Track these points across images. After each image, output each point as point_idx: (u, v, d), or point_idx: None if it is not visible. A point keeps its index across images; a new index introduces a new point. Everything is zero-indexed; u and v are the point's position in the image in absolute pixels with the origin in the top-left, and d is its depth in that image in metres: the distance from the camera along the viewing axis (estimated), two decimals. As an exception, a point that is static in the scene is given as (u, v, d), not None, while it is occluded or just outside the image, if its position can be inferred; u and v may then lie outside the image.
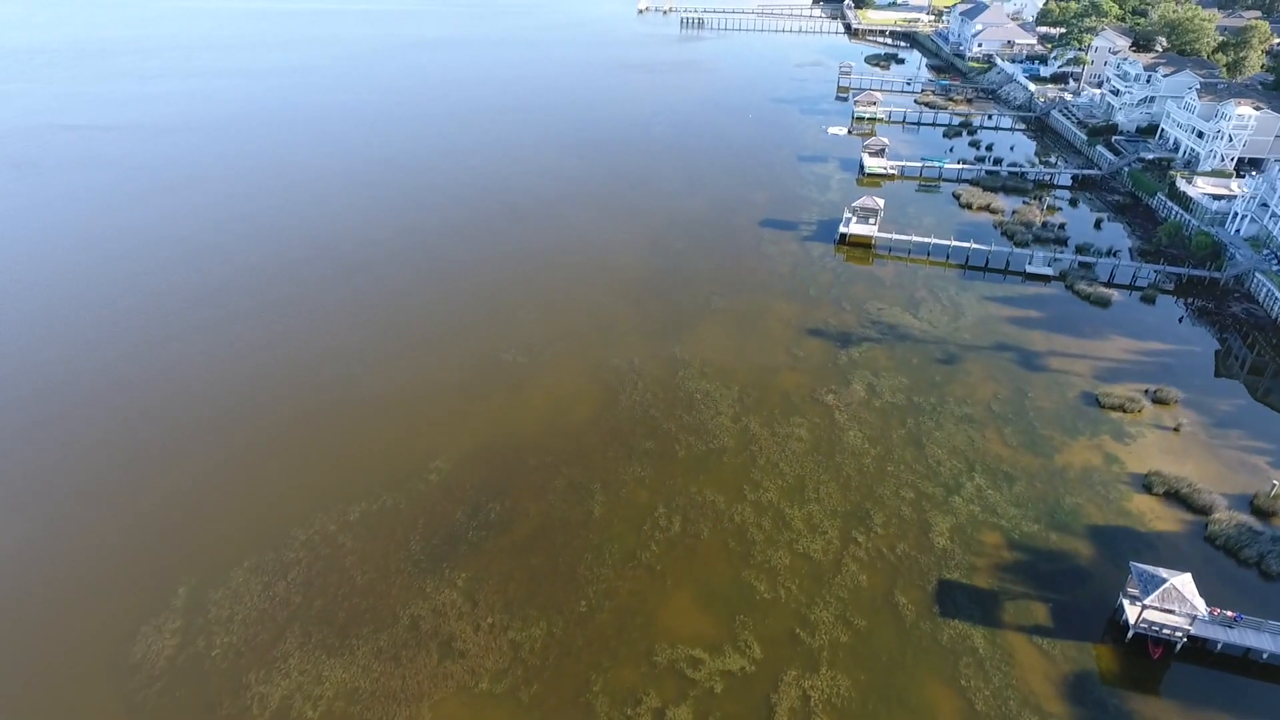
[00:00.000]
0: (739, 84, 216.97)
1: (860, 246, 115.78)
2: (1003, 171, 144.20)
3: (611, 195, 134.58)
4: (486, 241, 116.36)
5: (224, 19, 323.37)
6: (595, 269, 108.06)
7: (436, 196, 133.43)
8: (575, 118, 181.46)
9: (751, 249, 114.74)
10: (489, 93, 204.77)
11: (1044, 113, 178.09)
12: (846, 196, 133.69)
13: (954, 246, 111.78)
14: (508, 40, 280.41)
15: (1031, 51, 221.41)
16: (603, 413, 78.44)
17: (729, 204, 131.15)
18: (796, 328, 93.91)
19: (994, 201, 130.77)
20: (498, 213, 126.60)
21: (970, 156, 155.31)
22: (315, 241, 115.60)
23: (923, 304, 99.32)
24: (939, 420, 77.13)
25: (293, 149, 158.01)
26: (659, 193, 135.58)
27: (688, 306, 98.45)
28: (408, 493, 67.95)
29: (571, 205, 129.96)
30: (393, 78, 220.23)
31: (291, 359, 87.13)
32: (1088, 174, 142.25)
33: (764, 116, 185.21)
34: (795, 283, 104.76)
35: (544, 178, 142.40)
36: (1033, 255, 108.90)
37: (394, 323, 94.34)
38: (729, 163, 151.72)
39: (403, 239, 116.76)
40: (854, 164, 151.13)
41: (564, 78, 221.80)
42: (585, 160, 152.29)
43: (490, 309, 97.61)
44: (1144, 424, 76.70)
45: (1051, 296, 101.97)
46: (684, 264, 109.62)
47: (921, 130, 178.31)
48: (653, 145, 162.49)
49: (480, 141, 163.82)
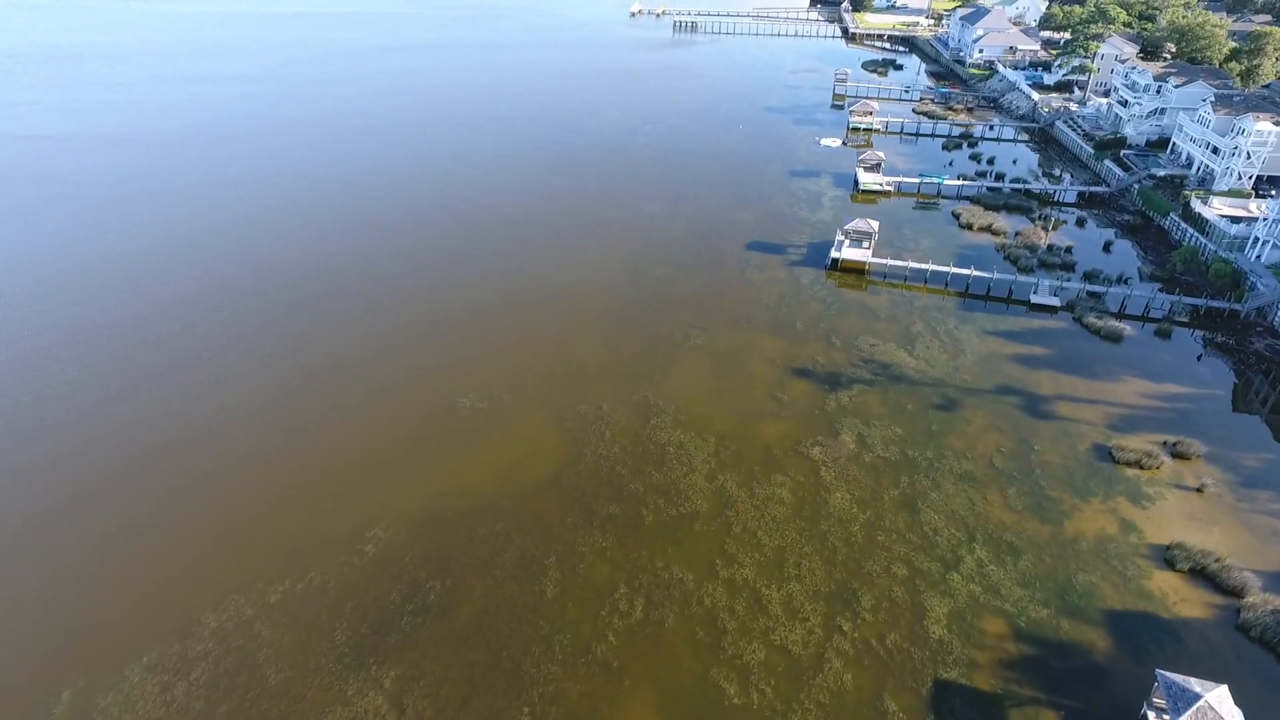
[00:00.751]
0: (730, 92, 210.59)
1: (853, 272, 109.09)
2: (1005, 188, 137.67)
3: (588, 215, 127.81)
4: (448, 269, 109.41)
5: (202, 22, 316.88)
6: (566, 300, 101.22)
7: (395, 218, 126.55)
8: (555, 128, 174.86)
9: (736, 276, 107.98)
10: (465, 101, 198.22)
11: (1048, 123, 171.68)
12: (839, 216, 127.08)
13: (953, 273, 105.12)
14: (492, 45, 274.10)
15: (1035, 58, 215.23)
16: (564, 469, 71.55)
17: (714, 224, 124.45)
18: (782, 367, 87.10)
19: (996, 221, 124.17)
20: (462, 236, 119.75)
21: (971, 171, 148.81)
22: (255, 268, 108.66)
23: (919, 339, 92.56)
24: (936, 478, 70.30)
25: (245, 165, 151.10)
26: (640, 212, 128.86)
27: (665, 343, 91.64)
28: (339, 568, 61.00)
29: (544, 227, 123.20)
30: (366, 86, 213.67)
31: (216, 406, 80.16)
32: (1095, 191, 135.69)
33: (755, 127, 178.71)
34: (782, 314, 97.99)
35: (516, 196, 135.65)
36: (1038, 284, 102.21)
37: (338, 363, 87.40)
38: (716, 178, 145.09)
39: (354, 265, 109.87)
40: (848, 179, 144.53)
41: (547, 85, 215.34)
42: (562, 176, 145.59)
43: (448, 346, 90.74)
44: (1163, 483, 69.88)
45: (1059, 331, 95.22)
46: (663, 293, 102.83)
47: (920, 141, 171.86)
48: (637, 159, 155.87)
49: (450, 156, 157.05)
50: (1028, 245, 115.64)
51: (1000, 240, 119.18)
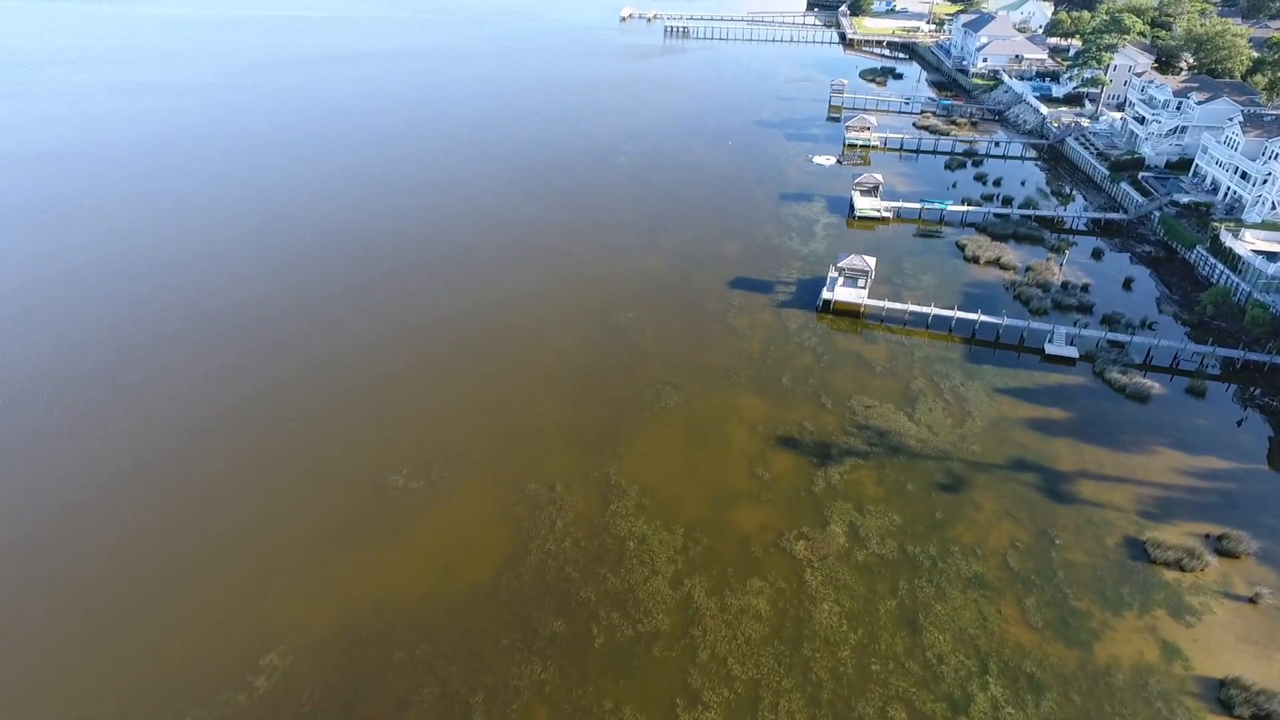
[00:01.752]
0: (720, 104, 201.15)
1: (847, 315, 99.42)
2: (1013, 214, 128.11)
3: (558, 246, 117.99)
4: (393, 311, 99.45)
5: (172, 27, 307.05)
6: (526, 349, 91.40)
7: (340, 248, 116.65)
8: (530, 146, 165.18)
9: (717, 320, 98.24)
10: (435, 114, 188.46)
11: (1058, 140, 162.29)
12: (833, 247, 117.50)
13: (958, 318, 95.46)
14: (471, 52, 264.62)
15: (1042, 67, 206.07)
16: (505, 571, 61.69)
17: (695, 258, 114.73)
18: (764, 435, 77.30)
19: (1004, 254, 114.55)
20: (413, 271, 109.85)
21: (976, 194, 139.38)
22: (164, 307, 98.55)
23: (920, 399, 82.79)
24: (940, 584, 60.50)
25: (183, 186, 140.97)
26: (614, 244, 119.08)
27: (633, 403, 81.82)
28: (220, 711, 51.04)
29: (507, 261, 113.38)
30: (331, 96, 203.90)
31: (77, 488, 70.17)
32: (1111, 218, 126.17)
33: (745, 143, 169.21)
34: (767, 368, 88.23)
35: (479, 224, 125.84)
36: (1053, 331, 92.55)
37: (246, 431, 77.42)
38: (700, 202, 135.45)
39: (286, 305, 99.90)
40: (843, 204, 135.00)
41: (525, 97, 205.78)
42: (533, 200, 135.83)
43: (386, 406, 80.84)
44: (1209, 590, 60.13)
45: (1078, 388, 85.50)
46: (635, 341, 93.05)
47: (920, 159, 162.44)
48: (615, 181, 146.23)
49: (412, 175, 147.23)
50: (1040, 283, 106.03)
51: (1009, 276, 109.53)
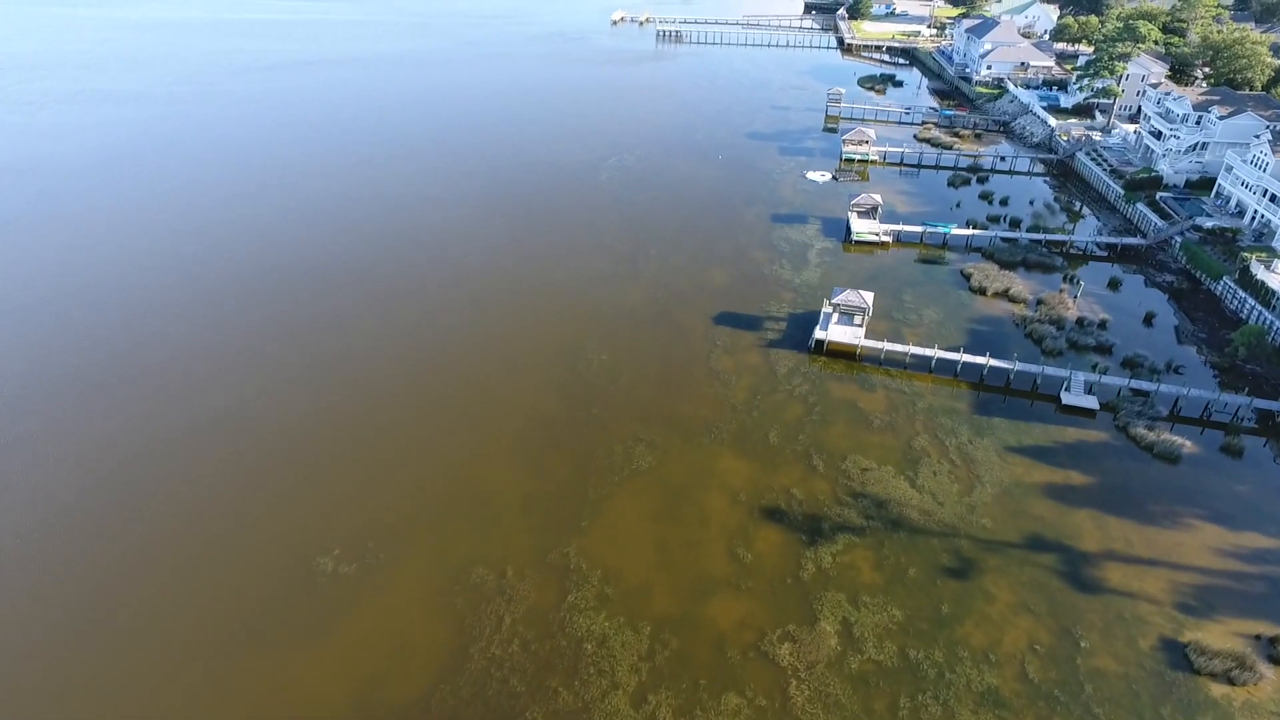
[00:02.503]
0: (711, 114, 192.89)
1: (842, 357, 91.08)
2: (1022, 238, 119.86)
3: (530, 277, 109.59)
4: (332, 356, 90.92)
5: (145, 30, 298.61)
6: (486, 401, 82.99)
7: (291, 280, 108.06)
8: (507, 161, 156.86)
9: (700, 362, 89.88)
10: (408, 126, 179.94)
11: (1068, 154, 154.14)
12: (828, 275, 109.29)
13: (965, 362, 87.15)
14: (454, 58, 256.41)
15: (1049, 75, 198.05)
16: (440, 683, 53.27)
17: (678, 289, 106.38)
18: (747, 504, 68.93)
19: (1013, 284, 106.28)
20: (367, 306, 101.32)
21: (981, 215, 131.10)
22: (73, 352, 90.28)
23: (923, 461, 74.41)
24: (948, 700, 52.10)
25: (119, 207, 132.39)
26: (591, 274, 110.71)
27: (601, 466, 73.43)
28: None
29: (473, 294, 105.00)
30: (299, 106, 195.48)
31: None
32: (1128, 243, 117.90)
33: (736, 157, 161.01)
34: (752, 421, 79.86)
35: (445, 251, 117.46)
36: (1070, 378, 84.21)
37: (144, 498, 68.92)
38: (686, 225, 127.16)
39: (220, 346, 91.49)
40: (839, 226, 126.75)
41: (505, 107, 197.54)
42: (506, 222, 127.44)
43: (319, 473, 72.41)
44: (1266, 711, 51.73)
45: (1099, 446, 77.12)
46: (606, 391, 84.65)
47: (922, 175, 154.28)
48: (596, 200, 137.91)
49: (377, 195, 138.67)
50: (1053, 318, 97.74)
51: (1020, 310, 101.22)
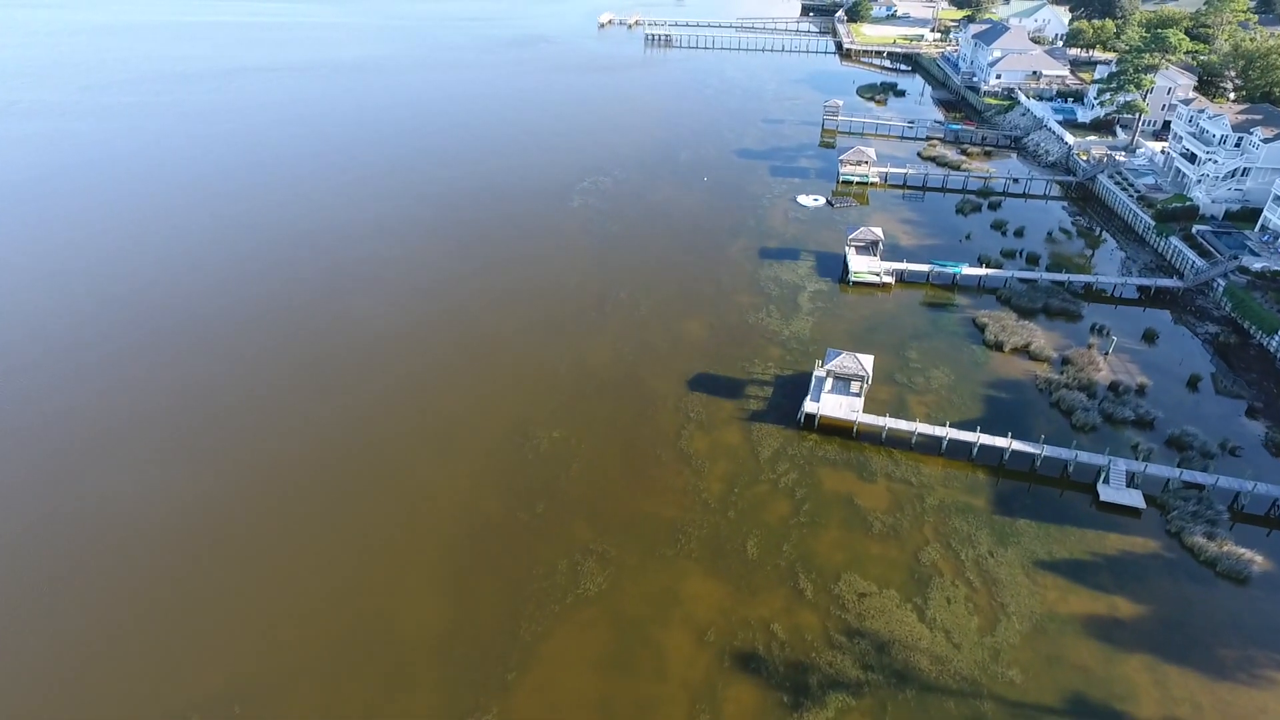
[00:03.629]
0: (699, 128, 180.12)
1: (836, 434, 78.41)
2: (1041, 279, 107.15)
3: (476, 329, 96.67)
4: (221, 433, 78.10)
5: (102, 34, 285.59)
6: (405, 502, 70.21)
7: (191, 337, 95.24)
8: (469, 184, 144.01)
9: (668, 442, 77.18)
10: (360, 142, 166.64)
11: (1088, 177, 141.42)
12: (821, 326, 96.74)
13: (981, 443, 74.48)
14: (427, 65, 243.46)
15: (1064, 86, 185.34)
16: None
17: (650, 343, 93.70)
18: (717, 647, 56.30)
19: (1034, 338, 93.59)
20: (278, 375, 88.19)
21: (994, 248, 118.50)
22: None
23: (934, 582, 61.76)
24: None
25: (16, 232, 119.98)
26: (551, 325, 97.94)
27: (539, 590, 60.78)
28: None
29: (410, 353, 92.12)
30: (254, 117, 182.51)
31: None
32: (1163, 285, 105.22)
33: (723, 179, 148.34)
34: (728, 523, 67.22)
35: (386, 294, 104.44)
36: (1108, 468, 71.47)
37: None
38: (663, 261, 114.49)
39: (87, 425, 78.85)
40: (834, 262, 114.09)
41: (474, 120, 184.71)
42: (460, 259, 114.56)
43: (174, 601, 59.64)
44: None
45: (1148, 560, 64.42)
46: (555, 482, 71.94)
47: (927, 198, 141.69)
48: (565, 231, 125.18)
49: (307, 222, 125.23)
50: (1082, 383, 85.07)
51: (1043, 371, 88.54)
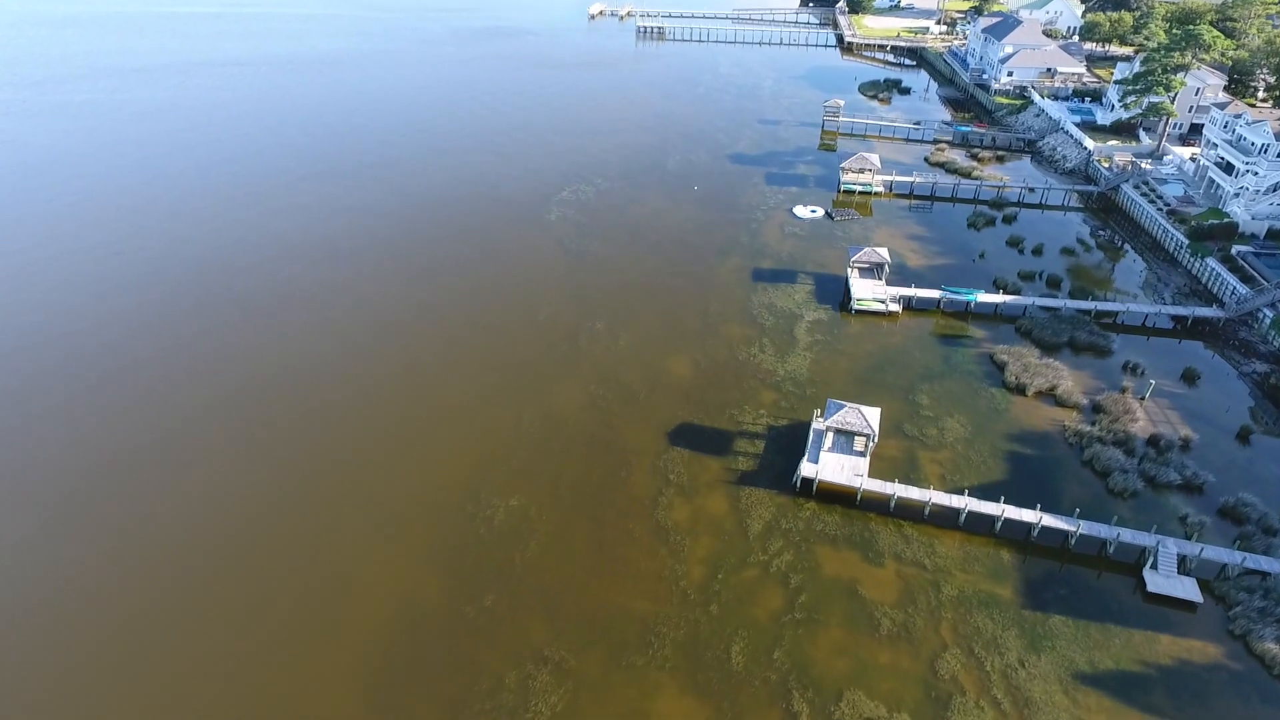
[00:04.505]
0: (690, 131, 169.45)
1: (837, 502, 68.45)
2: (1064, 307, 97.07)
3: (425, 375, 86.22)
4: (95, 522, 67.96)
5: (64, 26, 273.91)
6: (329, 589, 60.15)
7: (53, 399, 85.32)
8: (435, 193, 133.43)
9: (645, 513, 67.14)
10: (320, 144, 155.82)
11: (1110, 186, 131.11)
12: (820, 363, 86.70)
13: (1006, 518, 64.54)
14: (403, 60, 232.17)
15: (1080, 84, 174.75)
16: None
17: (627, 387, 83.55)
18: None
19: (1060, 379, 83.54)
20: (179, 446, 78.22)
21: (1011, 268, 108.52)
22: None
23: (956, 703, 51.87)
24: None
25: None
26: (513, 365, 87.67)
27: (480, 713, 50.75)
28: None
29: (345, 412, 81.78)
30: (206, 116, 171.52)
31: None
32: (1202, 315, 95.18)
33: (714, 188, 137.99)
34: (709, 621, 57.30)
35: (320, 339, 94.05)
36: (1156, 550, 61.49)
37: None
38: (647, 285, 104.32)
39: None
40: (835, 286, 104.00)
41: (449, 122, 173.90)
42: (412, 282, 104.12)
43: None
44: None
45: (1210, 672, 54.52)
46: (509, 564, 61.90)
47: (936, 210, 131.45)
48: (538, 249, 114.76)
49: (244, 236, 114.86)
50: (1118, 436, 75.07)
51: (1071, 420, 78.45)
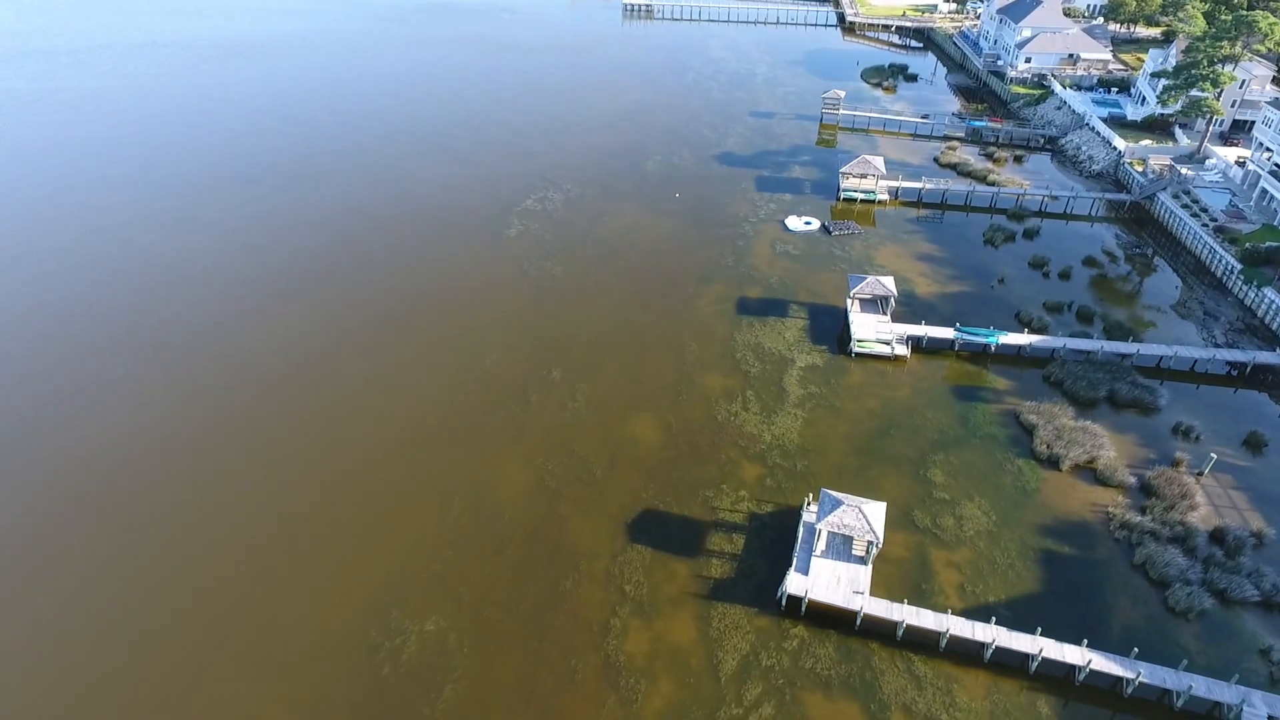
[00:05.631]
0: (673, 125, 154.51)
1: (831, 628, 55.54)
2: (1099, 349, 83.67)
3: (330, 454, 72.68)
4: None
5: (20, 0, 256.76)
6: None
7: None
8: (378, 204, 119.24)
9: (589, 643, 54.20)
10: (263, 145, 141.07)
11: (1145, 195, 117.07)
12: (814, 430, 73.44)
13: (1045, 656, 51.69)
14: (361, 41, 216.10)
15: (1106, 73, 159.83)
16: None
17: (582, 461, 70.24)
18: None
19: (1099, 448, 70.38)
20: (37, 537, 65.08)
21: (1034, 293, 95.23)
22: None
23: None
24: None
25: None
26: (445, 434, 74.15)
27: None
28: None
29: (208, 506, 68.62)
30: (140, 111, 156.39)
31: None
32: (1264, 362, 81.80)
33: (698, 194, 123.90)
34: (661, 818, 44.55)
35: (208, 398, 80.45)
36: (1240, 708, 48.66)
37: None
38: (612, 323, 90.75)
39: None
40: (832, 320, 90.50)
41: (403, 115, 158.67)
42: (340, 324, 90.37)
43: None
44: None
45: None
46: (418, 717, 49.11)
47: (947, 219, 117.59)
48: (493, 274, 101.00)
49: (140, 282, 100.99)
50: (1174, 529, 62.10)
51: (1116, 507, 65.33)
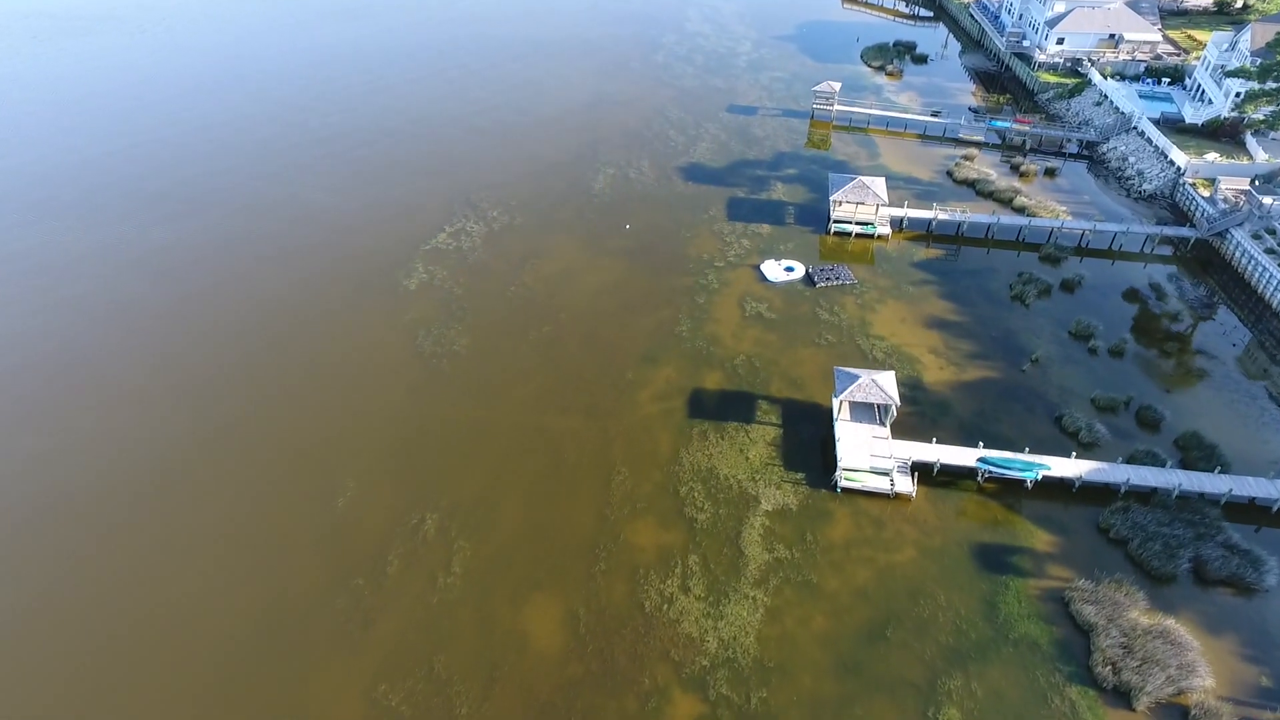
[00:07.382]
0: (634, 125, 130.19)
1: None
2: (1177, 490, 62.30)
3: (104, 690, 52.09)
4: None
5: None
6: None
7: None
8: (238, 243, 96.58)
9: None
10: (81, 145, 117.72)
11: (1214, 231, 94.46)
12: (777, 628, 52.82)
13: None
14: (248, 7, 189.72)
15: (1154, 59, 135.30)
16: None
17: (439, 687, 49.39)
18: None
19: (1192, 672, 49.60)
20: None
21: (1079, 383, 73.37)
22: None
23: None
24: None
25: None
26: (239, 648, 53.10)
27: None
28: None
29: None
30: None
31: None
32: (1403, 511, 60.70)
33: (655, 224, 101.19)
34: None
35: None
36: None
37: None
38: (516, 433, 69.07)
39: None
40: (813, 429, 68.81)
41: (301, 105, 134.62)
42: (157, 432, 68.94)
43: None
44: None
45: None
46: None
47: (964, 258, 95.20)
48: (377, 352, 78.90)
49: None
50: None
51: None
